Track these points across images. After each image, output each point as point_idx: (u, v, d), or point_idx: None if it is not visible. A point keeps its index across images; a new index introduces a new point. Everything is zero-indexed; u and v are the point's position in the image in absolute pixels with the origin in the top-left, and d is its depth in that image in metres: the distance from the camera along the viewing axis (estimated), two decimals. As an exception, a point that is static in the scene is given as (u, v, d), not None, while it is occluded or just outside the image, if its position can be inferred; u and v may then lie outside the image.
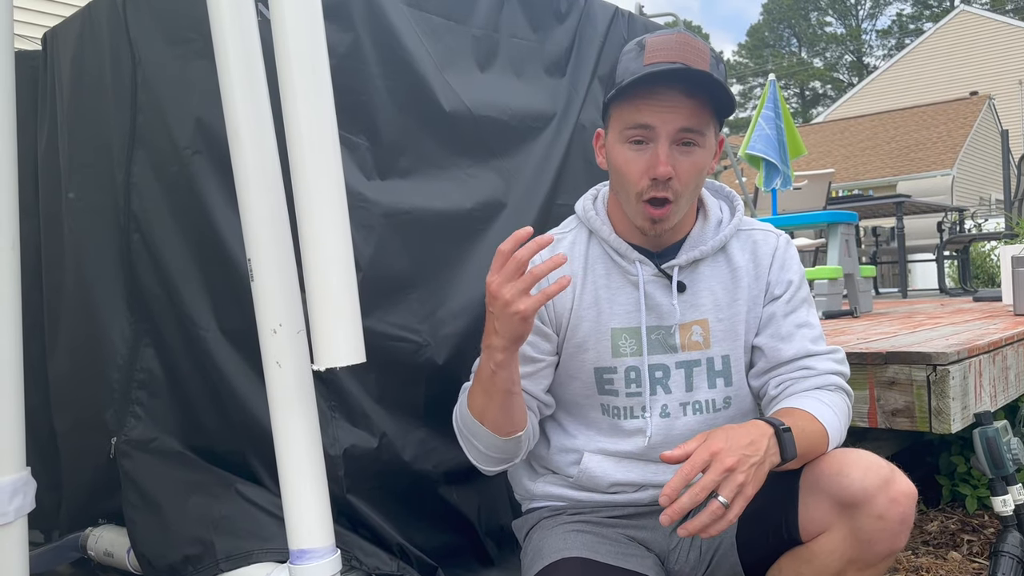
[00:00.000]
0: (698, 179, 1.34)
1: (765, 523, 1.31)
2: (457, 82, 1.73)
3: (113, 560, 1.77)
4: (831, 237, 4.34)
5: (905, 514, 1.20)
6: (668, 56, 1.27)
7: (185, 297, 1.67)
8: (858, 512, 1.20)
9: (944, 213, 7.33)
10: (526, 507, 1.55)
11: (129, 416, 1.73)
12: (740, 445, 1.14)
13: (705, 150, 1.33)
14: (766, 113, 4.67)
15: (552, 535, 1.40)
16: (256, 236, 1.31)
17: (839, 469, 1.23)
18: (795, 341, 1.40)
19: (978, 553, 2.31)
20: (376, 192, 1.59)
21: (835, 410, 1.32)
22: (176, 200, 1.67)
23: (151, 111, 1.68)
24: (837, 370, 1.40)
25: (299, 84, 1.21)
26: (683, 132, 1.29)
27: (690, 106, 1.28)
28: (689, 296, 1.41)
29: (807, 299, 1.46)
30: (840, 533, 1.23)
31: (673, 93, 1.27)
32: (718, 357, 1.42)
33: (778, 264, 1.44)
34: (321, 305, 1.20)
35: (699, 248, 1.41)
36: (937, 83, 23.74)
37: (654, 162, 1.29)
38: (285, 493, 1.34)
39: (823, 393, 1.35)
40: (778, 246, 1.46)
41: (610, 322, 1.41)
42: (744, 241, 1.45)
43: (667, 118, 1.28)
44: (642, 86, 1.27)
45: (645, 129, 1.29)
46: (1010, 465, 2.12)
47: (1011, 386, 2.58)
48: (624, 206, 1.39)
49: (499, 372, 1.24)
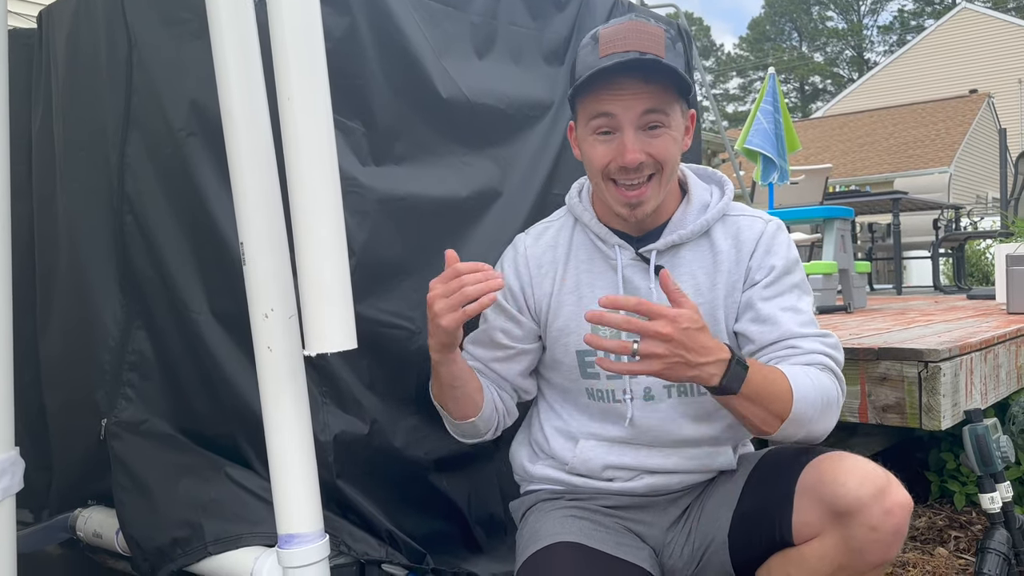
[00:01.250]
0: (672, 160, 1.36)
1: (759, 523, 1.31)
2: (454, 69, 1.73)
3: (102, 541, 1.77)
4: (827, 232, 4.34)
5: (898, 526, 1.18)
6: (622, 46, 1.30)
7: (178, 280, 1.66)
8: (851, 521, 1.18)
9: (940, 211, 7.33)
10: (524, 488, 1.57)
11: (120, 398, 1.72)
12: (690, 339, 1.15)
13: (672, 129, 1.35)
14: (765, 107, 4.66)
15: (549, 518, 1.41)
16: (249, 220, 1.30)
17: (835, 476, 1.21)
18: (780, 323, 1.36)
19: (965, 549, 2.33)
20: (371, 178, 1.58)
21: (813, 381, 1.27)
22: (170, 182, 1.66)
23: (146, 92, 1.67)
24: (826, 351, 1.34)
25: (294, 67, 1.20)
26: (646, 115, 1.32)
27: (649, 91, 1.31)
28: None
29: (798, 285, 1.41)
30: (832, 539, 1.22)
31: (631, 81, 1.30)
32: None
33: (762, 249, 1.41)
34: (313, 290, 1.20)
35: (679, 232, 1.42)
36: (937, 80, 23.74)
37: (621, 150, 1.32)
38: (274, 477, 1.34)
39: (809, 368, 1.31)
40: (765, 231, 1.42)
41: (591, 305, 1.42)
42: (729, 226, 1.44)
43: (628, 104, 1.31)
44: (600, 79, 1.30)
45: (609, 118, 1.33)
46: (999, 463, 2.13)
47: (1002, 384, 2.58)
48: (600, 195, 1.41)
49: (439, 368, 1.37)
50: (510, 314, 1.48)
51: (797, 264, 1.43)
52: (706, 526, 1.40)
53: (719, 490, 1.43)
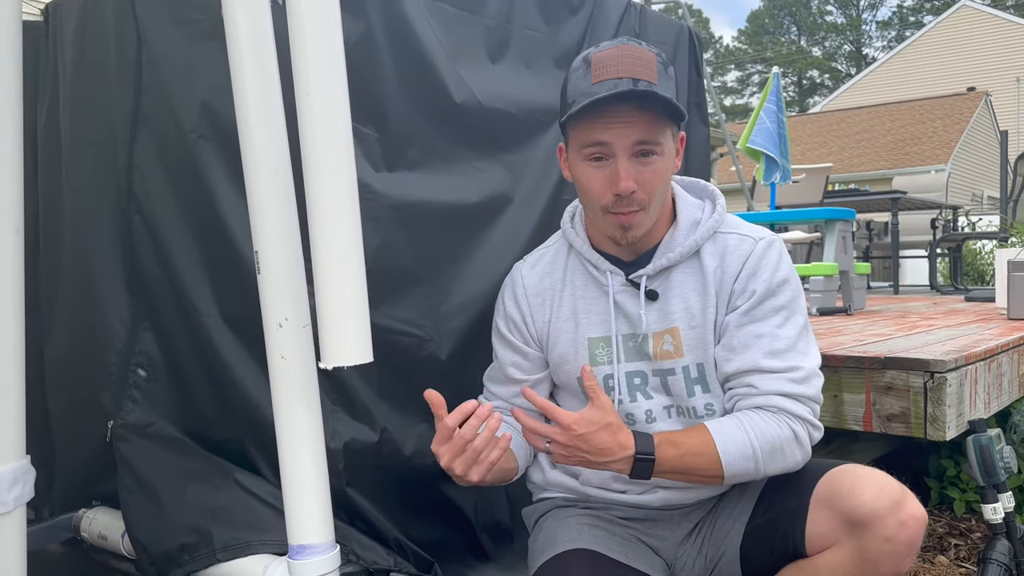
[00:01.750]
0: (663, 186, 1.36)
1: (772, 534, 1.32)
2: (468, 73, 1.71)
3: (107, 543, 1.76)
4: (828, 234, 4.34)
5: (913, 538, 1.19)
6: (615, 72, 1.28)
7: (186, 282, 1.65)
8: (866, 532, 1.20)
9: (939, 210, 7.34)
10: (537, 495, 1.57)
11: (126, 399, 1.71)
12: (586, 442, 1.23)
13: (664, 157, 1.34)
14: (768, 106, 4.65)
15: (564, 525, 1.42)
16: (264, 229, 1.29)
17: (851, 488, 1.23)
18: (747, 353, 1.33)
19: (965, 558, 2.34)
20: (384, 184, 1.57)
21: (752, 435, 1.27)
22: (179, 184, 1.65)
23: (155, 92, 1.65)
24: (786, 391, 1.30)
25: (314, 73, 1.18)
26: (640, 144, 1.31)
27: (643, 120, 1.30)
28: (661, 304, 1.41)
29: (785, 307, 1.35)
30: (846, 551, 1.23)
31: (625, 110, 1.29)
32: (692, 365, 1.40)
33: (747, 272, 1.37)
34: (330, 302, 1.19)
35: (667, 255, 1.40)
36: (935, 77, 23.74)
37: (615, 178, 1.31)
38: (286, 488, 1.34)
39: (753, 416, 1.30)
40: (752, 252, 1.37)
41: (587, 332, 1.45)
42: (718, 245, 1.40)
43: (622, 133, 1.30)
44: (593, 109, 1.29)
45: (602, 146, 1.32)
46: (1002, 473, 2.14)
47: (1004, 393, 2.59)
48: (593, 220, 1.42)
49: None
50: (516, 347, 1.50)
51: (784, 285, 1.37)
52: (718, 539, 1.41)
53: (730, 503, 1.43)
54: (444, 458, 1.26)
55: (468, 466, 1.25)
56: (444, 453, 1.26)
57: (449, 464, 1.26)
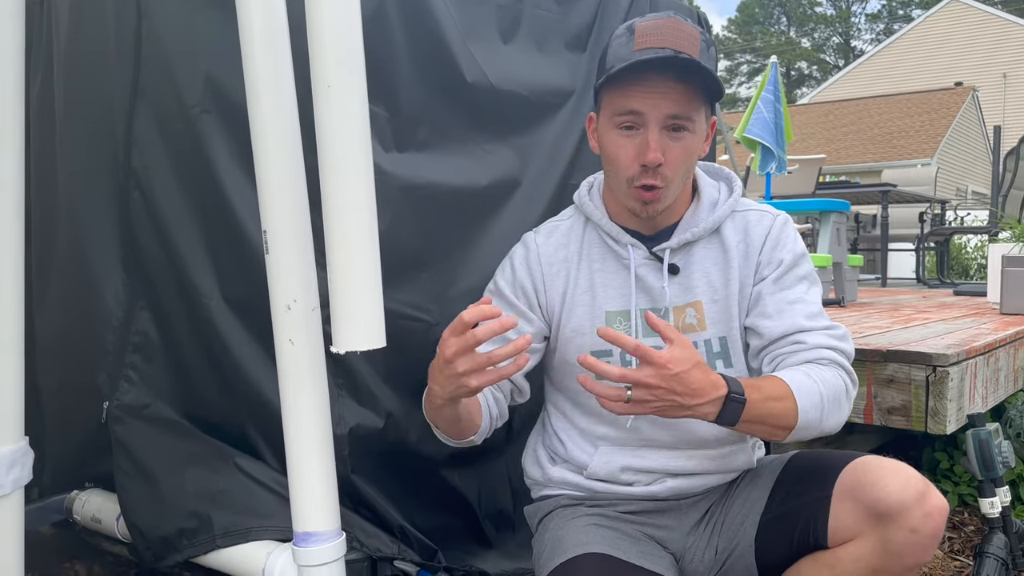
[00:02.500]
0: (688, 164, 1.35)
1: (791, 526, 1.31)
2: (480, 53, 1.67)
3: (101, 526, 1.73)
4: (823, 225, 4.34)
5: (937, 528, 1.20)
6: (658, 42, 1.27)
7: (187, 261, 1.61)
8: (892, 523, 1.19)
9: (928, 204, 7.37)
10: (539, 493, 1.53)
11: (122, 380, 1.67)
12: (680, 383, 1.15)
13: (695, 135, 1.33)
14: (766, 96, 4.62)
15: (572, 527, 1.38)
16: (273, 208, 1.26)
17: (876, 479, 1.23)
18: (786, 317, 1.36)
19: (959, 551, 2.35)
20: (393, 164, 1.53)
21: (817, 383, 1.27)
22: (181, 160, 1.60)
23: (156, 65, 1.60)
24: (833, 345, 1.33)
25: (331, 49, 1.14)
26: (673, 119, 1.30)
27: (679, 92, 1.28)
28: (683, 278, 1.41)
29: (807, 277, 1.41)
30: (869, 542, 1.23)
31: (662, 79, 1.27)
32: (715, 339, 1.41)
33: (770, 244, 1.41)
34: (344, 285, 1.16)
35: (691, 230, 1.41)
36: (923, 71, 23.85)
37: (644, 148, 1.29)
38: (292, 474, 1.31)
39: (812, 367, 1.30)
40: (773, 226, 1.43)
41: (605, 305, 1.42)
42: (738, 222, 1.44)
43: (656, 103, 1.28)
44: (631, 73, 1.27)
45: (635, 115, 1.30)
46: (1000, 468, 2.14)
47: (1001, 387, 2.60)
48: (615, 190, 1.40)
49: (443, 409, 1.28)
50: (519, 310, 1.45)
51: (804, 256, 1.43)
52: (730, 530, 1.39)
53: (743, 495, 1.42)
54: (449, 350, 1.16)
55: (472, 369, 1.16)
56: (451, 345, 1.16)
57: (452, 359, 1.16)
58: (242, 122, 1.34)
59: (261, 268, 1.34)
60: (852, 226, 8.06)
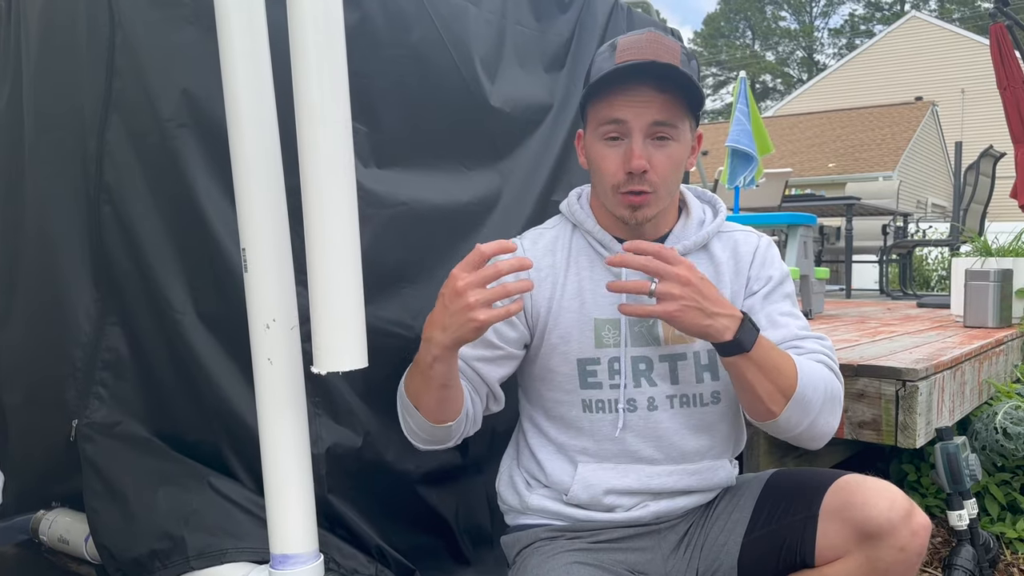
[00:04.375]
0: (674, 172, 1.36)
1: (776, 546, 1.32)
2: (466, 68, 1.67)
3: (68, 547, 1.69)
4: (790, 238, 4.39)
5: (923, 547, 1.23)
6: (639, 54, 1.30)
7: (160, 276, 1.58)
8: (880, 543, 1.21)
9: (892, 217, 7.51)
10: (516, 521, 1.48)
11: (92, 397, 1.63)
12: (707, 288, 1.20)
13: (680, 144, 1.34)
14: (741, 107, 4.72)
15: (552, 565, 1.33)
16: (253, 226, 1.24)
17: (864, 500, 1.25)
18: (780, 328, 1.39)
19: (927, 563, 2.38)
20: (373, 181, 1.52)
21: (818, 369, 1.30)
22: (154, 173, 1.57)
23: (130, 77, 1.57)
24: (827, 354, 1.38)
25: (314, 65, 1.13)
26: (656, 126, 1.31)
27: (661, 100, 1.30)
28: None
29: (791, 295, 1.47)
30: (856, 561, 1.25)
31: (644, 88, 1.30)
32: (704, 351, 1.41)
33: (759, 261, 1.46)
34: (326, 305, 1.15)
35: (682, 243, 1.42)
36: (884, 86, 24.35)
37: (628, 156, 1.31)
38: (269, 495, 1.29)
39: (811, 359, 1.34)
40: (759, 245, 1.48)
41: (593, 312, 1.41)
42: (725, 241, 1.48)
43: (639, 112, 1.30)
44: (613, 83, 1.30)
45: (619, 124, 1.32)
46: (967, 480, 2.18)
47: (966, 401, 2.65)
48: (603, 200, 1.40)
49: (436, 365, 1.23)
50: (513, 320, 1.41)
51: (788, 276, 1.48)
52: (711, 552, 1.39)
53: (723, 515, 1.42)
54: (462, 281, 1.14)
55: (482, 301, 1.13)
56: (462, 275, 1.15)
57: (464, 289, 1.13)
58: (220, 137, 1.32)
59: (237, 284, 1.32)
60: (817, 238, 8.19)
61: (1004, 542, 2.43)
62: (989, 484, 2.59)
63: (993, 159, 6.69)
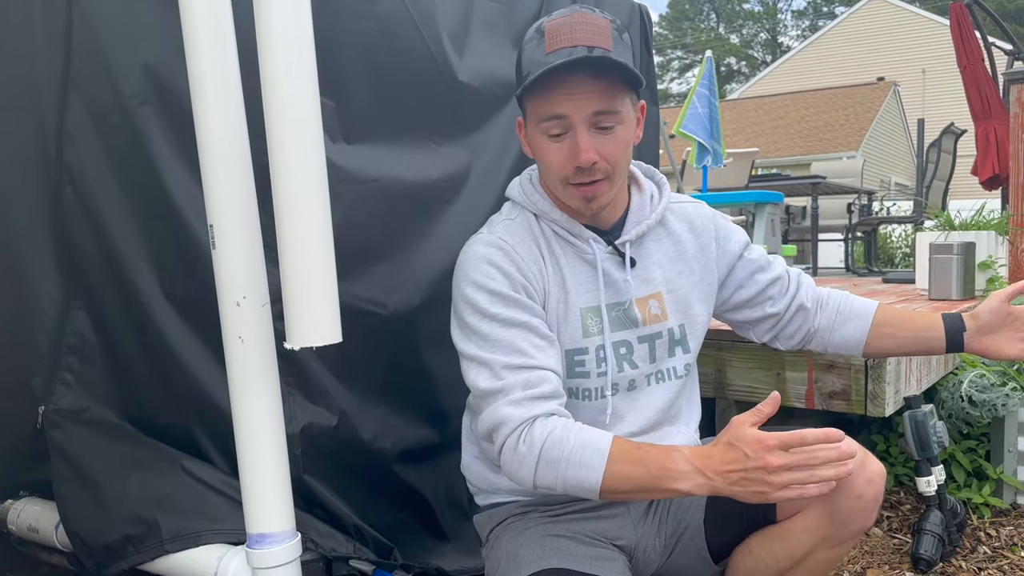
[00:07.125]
0: (624, 154, 1.34)
1: (738, 503, 1.31)
2: (433, 42, 1.65)
3: (38, 536, 1.65)
4: (758, 217, 4.44)
5: (878, 493, 1.26)
6: (568, 40, 1.24)
7: (125, 258, 1.55)
8: (837, 493, 1.22)
9: (856, 195, 7.60)
10: (487, 500, 1.47)
11: (58, 383, 1.60)
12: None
13: (625, 126, 1.31)
14: (701, 91, 4.68)
15: (527, 540, 1.33)
16: (220, 202, 1.22)
17: None
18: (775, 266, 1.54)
19: (897, 529, 2.42)
20: (342, 157, 1.50)
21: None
22: (117, 153, 1.54)
23: (89, 54, 1.53)
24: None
25: (279, 38, 1.11)
26: (598, 116, 1.27)
27: (600, 88, 1.26)
28: (641, 271, 1.43)
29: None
30: (817, 512, 1.28)
31: (581, 79, 1.25)
32: (676, 327, 1.44)
33: (722, 232, 1.52)
34: (298, 279, 1.13)
35: (644, 222, 1.43)
36: (847, 67, 24.59)
37: (575, 151, 1.27)
38: (244, 475, 1.27)
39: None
40: (712, 215, 1.54)
41: (578, 301, 1.39)
42: (679, 214, 1.49)
43: (580, 104, 1.26)
44: (548, 78, 1.24)
45: (560, 120, 1.27)
46: (935, 447, 2.23)
47: (933, 370, 2.69)
48: (556, 193, 1.38)
49: (678, 493, 1.18)
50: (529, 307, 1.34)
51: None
52: (677, 514, 1.41)
53: None
54: (778, 460, 1.09)
55: (788, 483, 1.09)
56: (782, 456, 1.09)
57: (778, 468, 1.08)
58: (184, 113, 1.29)
59: (205, 264, 1.30)
60: (784, 217, 8.27)
61: (971, 507, 2.48)
62: (956, 451, 2.64)
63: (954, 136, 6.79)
